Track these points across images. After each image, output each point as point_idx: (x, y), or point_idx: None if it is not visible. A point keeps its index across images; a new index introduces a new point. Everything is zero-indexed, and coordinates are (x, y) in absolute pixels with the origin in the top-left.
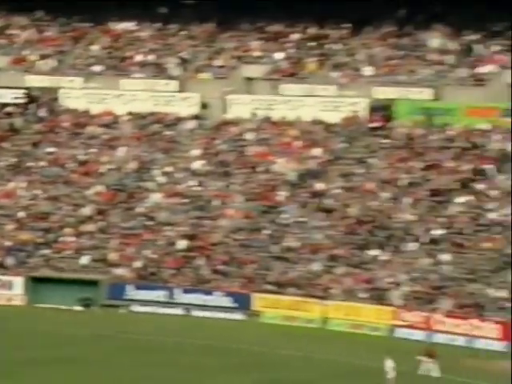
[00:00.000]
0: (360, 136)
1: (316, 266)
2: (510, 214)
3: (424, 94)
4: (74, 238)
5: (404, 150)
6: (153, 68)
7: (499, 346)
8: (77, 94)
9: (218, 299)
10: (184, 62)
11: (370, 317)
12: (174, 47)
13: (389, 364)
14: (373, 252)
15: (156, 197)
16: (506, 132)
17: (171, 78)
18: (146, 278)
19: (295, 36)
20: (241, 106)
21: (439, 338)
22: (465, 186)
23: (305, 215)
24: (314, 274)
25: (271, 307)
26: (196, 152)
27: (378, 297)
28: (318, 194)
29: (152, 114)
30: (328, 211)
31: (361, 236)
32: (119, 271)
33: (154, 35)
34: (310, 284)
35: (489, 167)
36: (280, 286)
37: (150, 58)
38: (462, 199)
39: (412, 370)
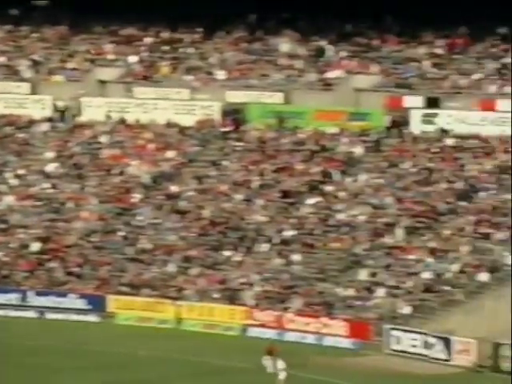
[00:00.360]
0: (213, 139)
1: (170, 268)
2: (357, 214)
3: (275, 98)
4: None
5: (256, 152)
6: (4, 70)
7: (347, 343)
8: None
9: (72, 301)
10: (36, 64)
11: (224, 317)
12: (26, 49)
13: (280, 365)
14: (226, 253)
15: (9, 199)
16: (352, 135)
17: (23, 80)
18: None
19: (148, 40)
20: (95, 109)
21: (290, 337)
22: (314, 187)
23: (159, 217)
24: (169, 275)
25: (126, 308)
26: (49, 154)
27: (231, 297)
28: (172, 196)
29: (4, 116)
30: (182, 213)
31: (214, 237)
32: None
33: (5, 37)
34: (164, 285)
35: (334, 170)
36: (134, 288)
37: (2, 59)
38: (311, 201)
39: (262, 368)
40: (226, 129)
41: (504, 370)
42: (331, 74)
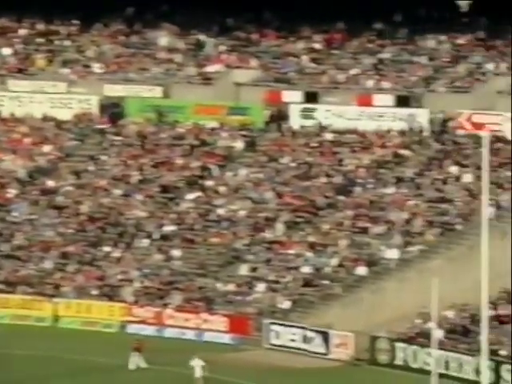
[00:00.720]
0: (91, 133)
1: (47, 264)
2: (237, 209)
3: (154, 92)
4: None
5: (135, 147)
6: None
7: (227, 338)
8: None
9: None
10: None
11: (102, 314)
12: None
13: (196, 363)
14: (105, 249)
15: None
16: (232, 130)
17: None
18: None
19: (23, 31)
20: None
21: (170, 333)
22: (194, 182)
23: (35, 213)
24: (46, 272)
25: (1, 307)
26: None
27: (110, 293)
28: (48, 192)
29: None
30: (59, 208)
31: (93, 233)
32: None
33: None
34: (41, 282)
35: (214, 165)
36: (10, 285)
37: None
38: (191, 196)
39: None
40: (104, 123)
41: (380, 363)
42: (211, 68)
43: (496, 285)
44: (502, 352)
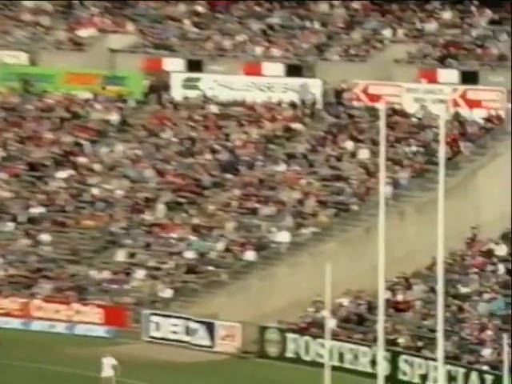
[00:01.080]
0: None
1: None
2: (114, 189)
3: (19, 59)
4: None
5: None
6: None
7: (102, 331)
8: None
9: None
10: None
11: None
12: None
13: (107, 361)
14: None
15: None
16: (107, 101)
17: None
18: None
19: None
20: None
21: (38, 326)
22: (65, 159)
23: None
24: None
25: None
26: None
27: None
28: None
29: None
30: None
31: None
32: None
33: None
34: None
35: (86, 140)
36: None
37: None
38: (62, 174)
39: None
40: None
41: (270, 356)
42: (82, 33)
43: (394, 269)
44: (400, 341)
